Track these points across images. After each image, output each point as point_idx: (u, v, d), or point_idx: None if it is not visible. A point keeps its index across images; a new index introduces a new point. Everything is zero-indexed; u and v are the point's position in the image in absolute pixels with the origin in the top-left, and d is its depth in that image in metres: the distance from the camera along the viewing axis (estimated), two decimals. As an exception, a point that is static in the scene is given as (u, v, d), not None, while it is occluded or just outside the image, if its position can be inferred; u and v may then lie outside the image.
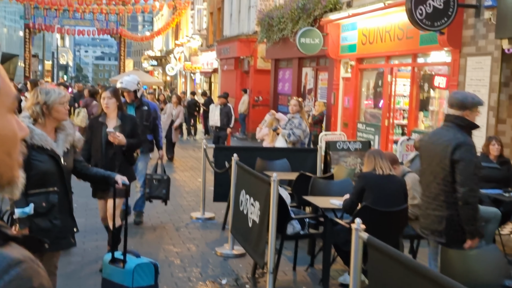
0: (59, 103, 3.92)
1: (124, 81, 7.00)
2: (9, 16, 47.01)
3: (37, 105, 3.88)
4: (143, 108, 7.23)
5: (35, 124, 3.87)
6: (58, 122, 3.97)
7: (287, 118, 8.97)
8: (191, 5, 33.44)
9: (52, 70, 59.26)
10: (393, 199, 5.15)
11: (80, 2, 26.51)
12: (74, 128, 4.24)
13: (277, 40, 16.45)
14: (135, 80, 7.02)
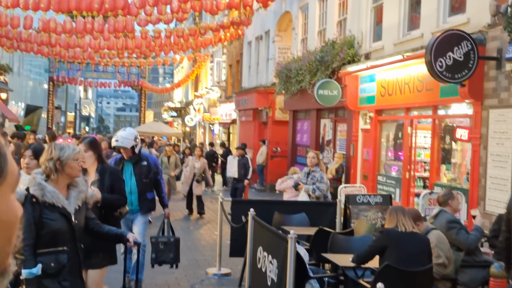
0: (73, 159, 3.84)
1: (119, 138, 6.41)
2: (35, 70, 48.28)
3: (51, 160, 3.81)
4: (142, 164, 6.67)
5: (48, 180, 3.79)
6: (71, 178, 3.88)
7: (304, 173, 8.83)
8: (211, 58, 34.00)
9: (74, 121, 60.29)
10: (417, 258, 4.92)
11: (103, 56, 27.04)
12: (87, 184, 4.14)
13: (295, 91, 16.50)
14: (132, 136, 6.44)
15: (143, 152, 7.11)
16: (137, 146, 6.52)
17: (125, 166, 6.61)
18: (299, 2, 18.04)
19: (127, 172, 6.59)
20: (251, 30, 23.13)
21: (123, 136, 6.40)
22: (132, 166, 6.61)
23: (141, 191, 6.62)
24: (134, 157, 6.59)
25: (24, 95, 42.00)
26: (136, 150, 6.54)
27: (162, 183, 7.16)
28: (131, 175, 6.59)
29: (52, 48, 23.80)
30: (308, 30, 17.36)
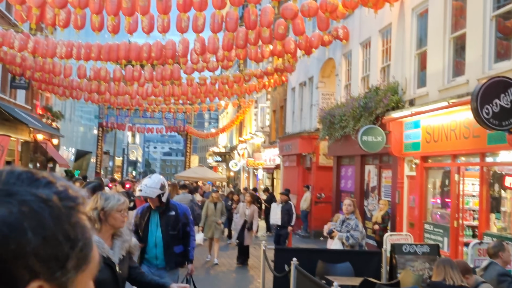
0: (116, 210, 3.90)
1: (143, 187, 5.82)
2: (85, 116, 49.94)
3: (95, 210, 3.88)
4: (170, 214, 6.10)
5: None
6: (115, 229, 3.93)
7: (340, 220, 8.71)
8: (255, 104, 34.43)
9: (122, 166, 61.60)
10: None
11: (150, 102, 27.82)
12: (131, 233, 4.18)
13: (339, 137, 16.45)
14: (158, 184, 5.85)
15: (173, 201, 6.50)
16: (164, 194, 5.95)
17: (151, 216, 6.14)
18: (342, 49, 18.20)
19: (153, 222, 6.11)
20: (294, 76, 23.39)
21: (148, 185, 5.84)
22: (159, 216, 6.11)
23: (167, 244, 6.06)
24: (161, 206, 6.08)
25: (75, 140, 43.35)
26: (163, 199, 6.01)
27: (191, 235, 6.44)
28: (157, 226, 6.09)
29: (102, 96, 24.65)
30: (352, 76, 17.42)
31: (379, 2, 13.21)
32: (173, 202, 6.43)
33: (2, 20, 21.31)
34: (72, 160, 39.27)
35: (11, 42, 16.52)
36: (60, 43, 16.61)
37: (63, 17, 13.45)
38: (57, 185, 0.91)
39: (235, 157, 42.19)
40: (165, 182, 5.96)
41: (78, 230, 0.90)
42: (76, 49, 16.43)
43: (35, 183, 0.89)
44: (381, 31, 15.14)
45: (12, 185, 0.87)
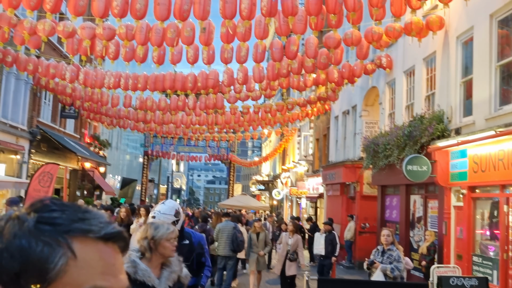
0: (166, 239, 3.91)
1: (157, 213, 5.25)
2: (131, 144, 51.01)
3: (145, 239, 3.91)
4: (183, 243, 5.52)
5: (142, 258, 3.88)
6: (165, 258, 3.92)
7: (378, 251, 8.51)
8: (298, 132, 34.43)
9: (166, 193, 62.32)
10: None
11: (194, 131, 28.23)
12: (180, 264, 4.15)
13: (383, 166, 16.22)
14: (172, 210, 5.36)
15: (187, 229, 5.99)
16: (178, 221, 5.38)
17: None
18: (385, 77, 18.08)
19: None
20: (338, 105, 23.33)
21: (162, 211, 5.31)
22: None
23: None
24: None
25: (121, 168, 44.24)
26: (177, 226, 5.38)
27: (206, 266, 5.96)
28: None
29: (147, 124, 25.19)
30: (396, 105, 17.24)
31: (423, 31, 13.12)
32: (187, 230, 5.92)
33: (54, 52, 22.17)
34: (118, 187, 40.03)
35: (62, 74, 17.16)
36: (109, 74, 17.15)
37: (112, 50, 13.91)
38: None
39: (278, 186, 42.10)
40: (179, 209, 5.48)
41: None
42: (123, 79, 16.92)
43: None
44: (425, 59, 14.99)
45: None
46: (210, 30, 12.18)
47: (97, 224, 0.96)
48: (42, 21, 12.81)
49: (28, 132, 20.53)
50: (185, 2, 10.88)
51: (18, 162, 19.72)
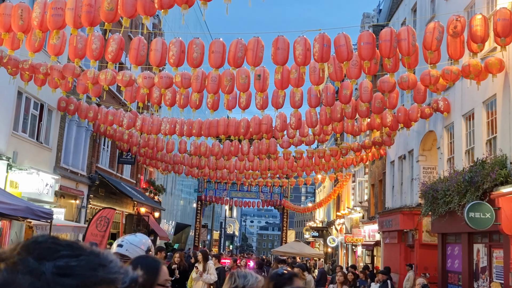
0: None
1: (125, 242, 4.10)
2: (186, 190, 51.60)
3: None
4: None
5: None
6: None
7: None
8: (352, 177, 33.90)
9: (219, 239, 62.25)
10: None
11: (247, 176, 28.28)
12: None
13: (443, 213, 15.61)
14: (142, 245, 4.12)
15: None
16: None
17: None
18: (443, 121, 17.63)
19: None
20: (393, 149, 22.88)
21: (130, 241, 4.12)
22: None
23: None
24: None
25: (175, 213, 44.65)
26: None
27: None
28: None
29: (201, 170, 25.44)
30: (455, 149, 16.71)
31: (482, 74, 12.78)
32: None
33: (113, 100, 22.94)
34: (172, 233, 40.30)
35: (120, 120, 17.67)
36: (165, 120, 17.53)
37: (168, 97, 14.24)
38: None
39: (332, 233, 41.30)
40: (151, 247, 4.18)
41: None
42: (179, 125, 17.24)
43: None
44: (485, 102, 14.55)
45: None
46: (265, 77, 12.30)
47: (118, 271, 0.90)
48: (104, 71, 13.30)
49: (87, 177, 21.08)
50: (239, 50, 11.05)
51: (77, 207, 20.20)
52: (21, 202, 10.73)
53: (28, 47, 10.75)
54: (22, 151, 15.91)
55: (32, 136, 17.13)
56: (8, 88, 14.92)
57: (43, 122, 17.70)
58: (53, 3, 9.66)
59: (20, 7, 10.04)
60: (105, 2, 8.88)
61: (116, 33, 11.48)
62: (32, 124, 17.14)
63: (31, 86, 14.79)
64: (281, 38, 11.10)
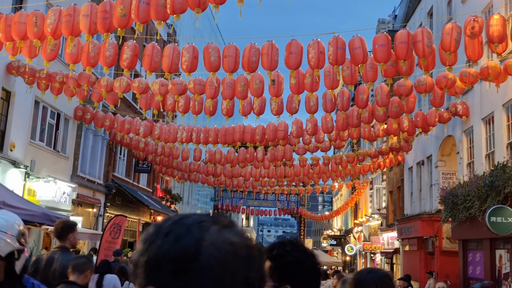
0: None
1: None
2: (202, 199, 51.58)
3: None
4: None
5: None
6: None
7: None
8: (370, 185, 33.56)
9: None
10: None
11: (263, 184, 28.11)
12: None
13: (463, 219, 15.31)
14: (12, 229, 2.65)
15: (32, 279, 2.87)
16: (20, 256, 2.67)
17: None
18: (462, 125, 17.35)
19: None
20: (411, 155, 22.60)
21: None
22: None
23: None
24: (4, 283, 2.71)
25: (192, 222, 44.54)
26: (16, 267, 2.66)
27: None
28: None
29: (217, 178, 25.34)
30: (474, 154, 16.42)
31: (501, 76, 12.52)
32: (32, 281, 2.85)
33: (129, 109, 23.01)
34: (189, 242, 40.21)
35: (137, 129, 17.69)
36: (181, 128, 17.49)
37: (181, 103, 14.21)
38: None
39: (350, 241, 40.90)
40: (26, 232, 2.76)
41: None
42: (195, 133, 17.19)
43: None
44: (504, 105, 14.29)
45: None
46: (280, 82, 12.20)
47: None
48: (118, 79, 13.31)
49: (104, 186, 21.13)
50: (253, 54, 10.97)
51: (94, 215, 20.24)
52: (38, 208, 10.77)
53: (43, 56, 10.79)
54: (40, 159, 15.98)
55: (49, 145, 17.22)
56: (25, 97, 15.03)
57: (59, 131, 17.80)
58: (67, 10, 9.68)
59: (35, 14, 10.09)
60: (118, 8, 8.87)
61: (130, 40, 11.48)
62: (49, 133, 17.24)
63: (47, 96, 14.88)
64: (294, 42, 11.00)
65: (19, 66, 13.96)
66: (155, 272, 0.97)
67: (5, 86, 14.32)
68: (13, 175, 14.40)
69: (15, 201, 9.78)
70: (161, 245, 0.98)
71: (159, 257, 0.97)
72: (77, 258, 4.85)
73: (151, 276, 0.98)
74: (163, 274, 0.96)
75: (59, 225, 5.49)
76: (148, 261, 0.98)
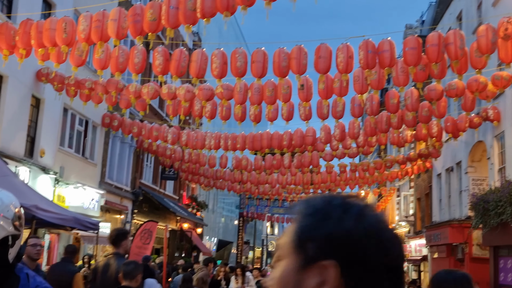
0: None
1: None
2: (227, 207, 51.63)
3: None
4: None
5: None
6: None
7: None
8: (397, 192, 33.17)
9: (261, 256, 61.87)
10: None
11: (290, 191, 27.97)
12: None
13: (494, 225, 14.98)
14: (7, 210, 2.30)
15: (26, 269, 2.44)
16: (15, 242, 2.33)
17: None
18: (493, 131, 17.02)
19: None
20: (440, 162, 22.26)
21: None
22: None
23: None
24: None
25: (217, 231, 44.62)
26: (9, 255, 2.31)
27: None
28: None
29: (243, 185, 25.29)
30: (506, 159, 16.08)
31: (534, 78, 12.28)
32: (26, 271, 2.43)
33: (155, 116, 23.16)
34: (214, 250, 40.23)
35: (164, 136, 17.74)
36: (209, 135, 17.49)
37: (208, 109, 14.21)
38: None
39: (376, 249, 40.42)
40: (22, 215, 2.42)
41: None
42: (223, 140, 17.17)
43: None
44: (538, 109, 13.98)
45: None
46: (308, 86, 12.13)
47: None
48: (146, 85, 13.40)
49: (131, 193, 21.26)
50: (283, 59, 10.93)
51: (122, 222, 20.36)
52: (68, 212, 10.86)
53: (72, 61, 10.91)
54: (69, 166, 16.16)
55: (78, 151, 17.40)
56: (54, 104, 15.23)
57: (88, 138, 17.99)
58: (96, 15, 9.78)
59: (64, 20, 10.22)
60: (148, 13, 8.92)
61: (159, 46, 11.54)
62: (77, 140, 17.43)
63: (75, 103, 15.05)
64: (323, 46, 10.93)
65: (48, 73, 14.15)
66: (336, 247, 1.00)
67: (35, 93, 14.54)
68: (43, 181, 14.58)
69: (47, 205, 9.87)
70: (344, 222, 1.02)
71: (341, 233, 1.01)
72: (126, 264, 4.99)
73: (329, 251, 1.00)
74: (344, 250, 1.00)
75: (114, 233, 6.08)
76: (329, 236, 1.01)
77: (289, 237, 1.06)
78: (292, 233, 1.05)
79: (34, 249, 5.67)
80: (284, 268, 1.04)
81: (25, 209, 8.75)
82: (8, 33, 10.81)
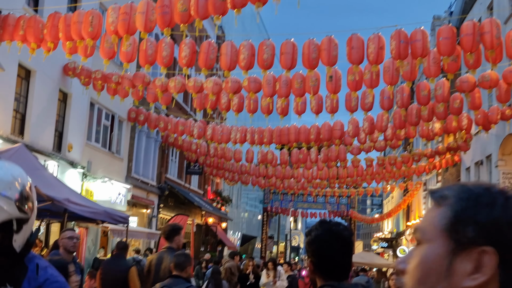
0: None
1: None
2: (250, 202, 51.54)
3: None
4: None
5: None
6: None
7: None
8: (424, 186, 32.72)
9: (284, 251, 61.77)
10: None
11: (315, 186, 27.74)
12: None
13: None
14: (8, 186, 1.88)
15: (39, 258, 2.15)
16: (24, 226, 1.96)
17: None
18: (525, 122, 16.59)
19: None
20: (469, 155, 21.82)
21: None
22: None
23: None
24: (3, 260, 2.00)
25: (241, 225, 44.60)
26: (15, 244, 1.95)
27: None
28: None
29: (268, 180, 25.14)
30: (540, 152, 15.67)
31: None
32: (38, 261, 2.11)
33: (180, 111, 23.13)
34: (238, 245, 40.23)
35: (190, 130, 17.65)
36: (235, 129, 17.35)
37: (235, 102, 14.07)
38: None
39: (402, 243, 39.98)
40: (31, 194, 2.01)
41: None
42: (249, 134, 17.01)
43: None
44: None
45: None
46: (337, 78, 11.91)
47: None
48: (173, 79, 13.30)
49: (157, 187, 21.28)
50: (312, 51, 10.73)
51: (148, 216, 20.39)
52: (99, 206, 10.86)
53: (102, 54, 10.85)
54: (96, 160, 16.20)
55: (104, 146, 17.44)
56: (81, 99, 15.26)
57: (114, 133, 18.01)
58: (123, 8, 9.70)
59: (91, 13, 10.16)
60: (179, 3, 8.79)
61: (187, 38, 11.42)
62: (104, 135, 17.47)
63: (102, 97, 15.05)
64: (355, 36, 10.70)
65: (75, 67, 14.15)
66: (498, 234, 0.95)
67: (62, 88, 14.57)
68: (71, 175, 14.63)
69: (78, 199, 9.86)
70: (509, 210, 0.97)
71: (507, 221, 0.96)
72: (177, 256, 5.14)
73: (490, 237, 0.95)
74: (507, 238, 0.96)
75: (167, 228, 6.38)
76: (493, 221, 0.96)
77: (437, 220, 1.00)
78: (442, 216, 1.00)
79: (71, 242, 5.66)
80: (428, 252, 0.99)
81: (57, 202, 8.76)
82: (36, 26, 10.79)
